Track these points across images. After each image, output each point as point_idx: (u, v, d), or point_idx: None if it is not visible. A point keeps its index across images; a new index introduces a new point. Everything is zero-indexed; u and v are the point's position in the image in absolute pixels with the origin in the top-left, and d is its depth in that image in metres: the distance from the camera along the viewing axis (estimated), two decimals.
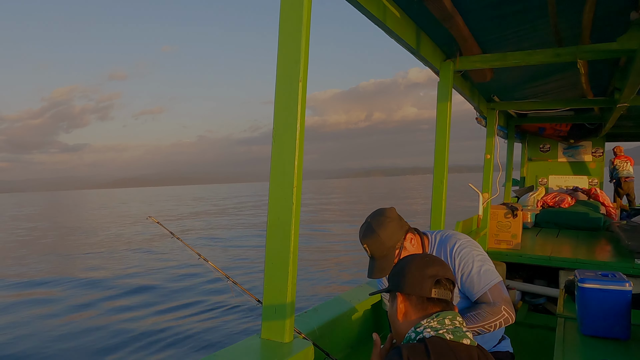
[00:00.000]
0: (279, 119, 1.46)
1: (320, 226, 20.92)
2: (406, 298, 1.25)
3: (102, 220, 30.36)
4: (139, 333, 6.86)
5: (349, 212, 29.34)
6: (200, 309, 8.07)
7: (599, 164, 7.34)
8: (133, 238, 19.06)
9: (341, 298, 2.25)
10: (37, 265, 13.44)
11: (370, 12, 1.99)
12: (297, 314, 1.73)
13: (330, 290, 9.03)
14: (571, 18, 2.56)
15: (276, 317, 1.48)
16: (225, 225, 23.69)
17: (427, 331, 1.16)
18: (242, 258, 13.28)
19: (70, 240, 19.56)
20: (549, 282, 4.30)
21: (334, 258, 12.87)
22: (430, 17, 2.41)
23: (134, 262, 13.31)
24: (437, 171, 3.10)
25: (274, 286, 1.48)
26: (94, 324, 7.40)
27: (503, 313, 1.68)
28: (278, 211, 1.47)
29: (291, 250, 1.45)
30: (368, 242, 1.79)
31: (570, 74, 3.79)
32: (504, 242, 4.30)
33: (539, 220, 5.95)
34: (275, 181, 1.47)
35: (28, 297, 9.50)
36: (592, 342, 1.91)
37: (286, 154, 1.45)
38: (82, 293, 9.64)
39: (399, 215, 1.86)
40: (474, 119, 5.02)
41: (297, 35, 1.42)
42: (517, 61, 2.93)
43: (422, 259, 1.27)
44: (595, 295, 1.96)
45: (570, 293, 2.52)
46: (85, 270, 12.32)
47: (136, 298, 9.06)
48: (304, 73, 1.43)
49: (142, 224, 24.53)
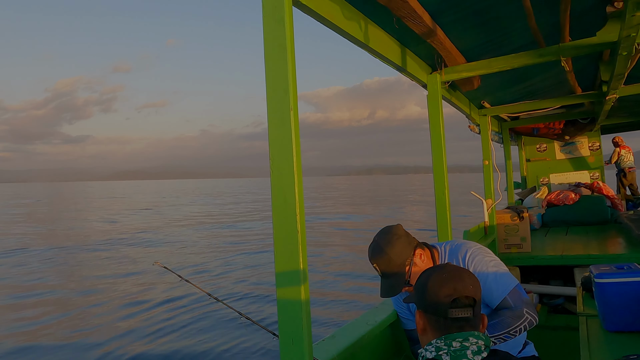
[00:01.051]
0: (274, 154, 1.46)
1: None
2: (424, 315, 1.24)
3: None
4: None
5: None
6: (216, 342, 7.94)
7: (597, 157, 7.35)
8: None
9: (358, 321, 2.22)
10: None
11: (352, 35, 2.03)
12: (315, 342, 1.71)
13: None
14: (549, 18, 2.61)
15: (294, 349, 1.45)
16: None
17: (430, 352, 1.17)
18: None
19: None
20: (565, 281, 4.24)
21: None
22: (412, 34, 2.45)
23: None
24: (437, 181, 3.10)
25: (288, 316, 1.46)
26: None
27: (526, 316, 1.66)
28: (284, 241, 1.47)
29: (301, 278, 1.44)
30: (377, 262, 1.79)
31: (556, 71, 3.83)
32: (514, 246, 4.27)
33: (545, 220, 5.92)
34: (277, 214, 1.47)
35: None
36: (618, 337, 1.87)
37: (286, 185, 1.45)
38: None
39: (406, 232, 1.85)
40: (467, 128, 5.05)
41: (283, 67, 1.44)
42: (502, 66, 2.97)
43: (439, 277, 1.24)
44: (614, 290, 1.93)
45: (588, 290, 2.49)
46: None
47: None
48: (294, 102, 1.45)
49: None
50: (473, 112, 4.77)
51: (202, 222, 24.32)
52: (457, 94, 4.09)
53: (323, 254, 13.66)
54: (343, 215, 26.34)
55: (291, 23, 1.45)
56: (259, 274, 11.36)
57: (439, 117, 3.08)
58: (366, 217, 25.33)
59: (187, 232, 20.27)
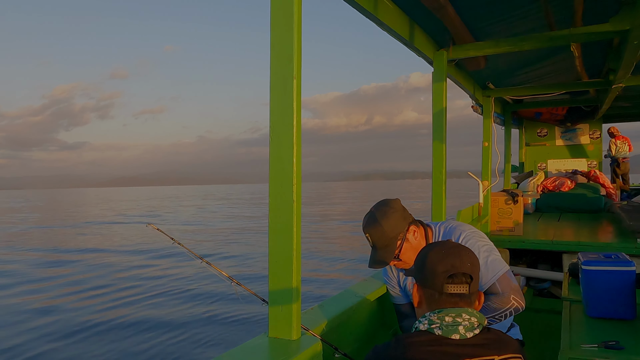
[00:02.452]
0: (275, 117, 1.45)
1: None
2: (421, 288, 1.27)
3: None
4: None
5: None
6: (207, 308, 8.08)
7: (596, 146, 7.34)
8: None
9: (347, 292, 2.26)
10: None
11: (361, 5, 1.99)
12: (303, 310, 1.74)
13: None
14: (562, 1, 2.55)
15: (283, 315, 1.48)
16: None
17: (423, 324, 1.20)
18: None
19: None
20: (553, 266, 4.31)
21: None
22: (422, 8, 2.40)
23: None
24: (435, 163, 3.10)
25: (279, 284, 1.48)
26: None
27: (512, 302, 1.69)
28: (279, 209, 1.47)
29: (294, 248, 1.46)
30: (370, 232, 1.80)
31: (564, 57, 3.78)
32: (505, 229, 4.31)
33: (539, 205, 5.95)
34: (274, 180, 1.47)
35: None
36: (599, 323, 1.91)
37: (284, 152, 1.45)
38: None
39: (403, 207, 1.86)
40: (470, 108, 5.02)
41: (289, 33, 1.41)
42: (510, 47, 2.92)
43: (438, 252, 1.26)
44: (600, 277, 1.96)
45: (575, 276, 2.53)
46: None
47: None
48: (297, 71, 1.43)
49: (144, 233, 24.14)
50: (477, 92, 4.73)
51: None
52: (462, 73, 4.04)
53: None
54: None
55: None
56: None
57: (443, 94, 3.05)
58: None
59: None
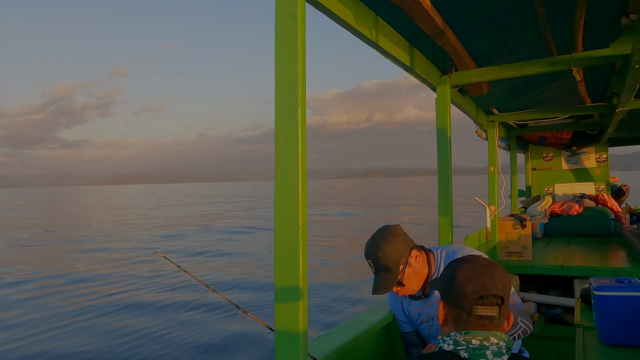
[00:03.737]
0: (279, 149, 1.46)
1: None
2: (447, 306, 1.21)
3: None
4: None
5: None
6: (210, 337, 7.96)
7: (603, 169, 7.30)
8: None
9: (354, 320, 2.23)
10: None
11: (363, 34, 2.03)
12: (310, 339, 1.71)
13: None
14: (562, 27, 2.59)
15: (289, 344, 1.46)
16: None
17: (448, 344, 1.14)
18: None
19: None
20: (564, 292, 4.23)
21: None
22: (422, 35, 2.44)
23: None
24: (441, 187, 3.09)
25: (285, 312, 1.46)
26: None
27: (520, 325, 1.65)
28: (284, 236, 1.47)
29: (300, 275, 1.44)
30: (372, 258, 1.80)
31: (567, 81, 3.80)
32: (514, 254, 4.25)
33: (548, 229, 5.89)
34: (280, 208, 1.47)
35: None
36: (613, 351, 1.86)
37: (290, 177, 1.45)
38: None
39: (404, 232, 1.85)
40: (469, 125, 5.03)
41: (293, 63, 1.44)
42: (512, 73, 2.95)
43: (468, 270, 1.18)
44: (613, 303, 1.92)
45: (587, 302, 2.48)
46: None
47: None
48: (302, 98, 1.45)
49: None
50: (481, 117, 4.75)
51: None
52: (465, 98, 4.07)
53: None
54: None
55: (303, 19, 1.45)
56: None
57: (447, 120, 3.07)
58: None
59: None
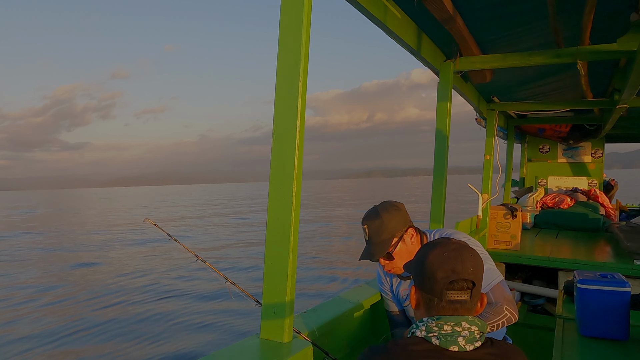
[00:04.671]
0: (279, 119, 1.46)
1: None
2: (419, 291, 1.21)
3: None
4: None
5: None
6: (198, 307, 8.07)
7: (598, 165, 7.34)
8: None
9: (341, 298, 2.25)
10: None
11: (371, 12, 2.00)
12: (296, 314, 1.73)
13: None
14: (571, 19, 2.56)
15: (275, 317, 1.48)
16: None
17: (420, 330, 1.15)
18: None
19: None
20: (548, 283, 4.30)
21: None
22: (430, 18, 2.41)
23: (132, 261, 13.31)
24: (436, 171, 3.10)
25: (274, 286, 1.48)
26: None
27: (505, 313, 1.68)
28: (277, 211, 1.47)
29: (290, 250, 1.45)
30: (369, 224, 1.78)
31: (570, 74, 3.79)
32: (503, 243, 4.30)
33: (538, 221, 5.95)
34: (274, 181, 1.47)
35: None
36: (591, 343, 1.91)
37: (286, 154, 1.45)
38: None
39: (406, 211, 1.85)
40: (474, 120, 5.02)
41: (297, 36, 1.42)
42: (517, 62, 2.93)
43: (439, 254, 1.17)
44: (595, 297, 1.96)
45: (570, 294, 2.53)
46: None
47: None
48: (304, 73, 1.43)
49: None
50: (481, 105, 4.73)
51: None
52: (468, 85, 4.04)
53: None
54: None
55: None
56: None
57: (447, 105, 3.06)
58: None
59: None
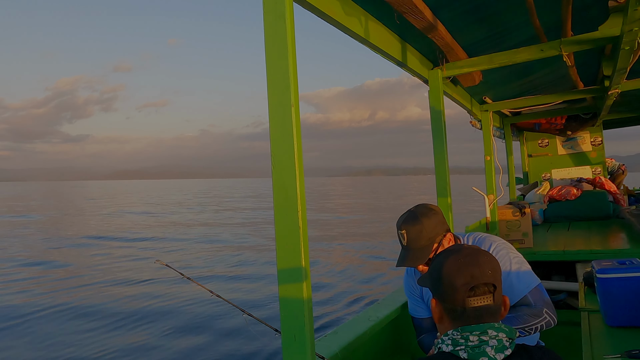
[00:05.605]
0: (276, 149, 1.46)
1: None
2: (440, 303, 1.17)
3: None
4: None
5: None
6: None
7: (599, 152, 7.33)
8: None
9: (360, 317, 2.23)
10: None
11: (353, 31, 2.03)
12: (317, 338, 1.71)
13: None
14: (551, 12, 2.59)
15: (296, 345, 1.46)
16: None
17: (447, 345, 1.10)
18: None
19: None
20: (567, 277, 4.24)
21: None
22: (413, 29, 2.44)
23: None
24: (439, 178, 3.09)
25: (290, 313, 1.46)
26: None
27: (545, 316, 1.63)
28: (286, 239, 1.47)
29: (303, 274, 1.44)
30: (407, 229, 1.67)
31: (558, 66, 3.81)
32: (515, 242, 4.26)
33: (547, 215, 5.91)
34: (279, 208, 1.47)
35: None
36: (619, 332, 1.87)
37: (288, 182, 1.45)
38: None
39: (443, 214, 1.81)
40: (468, 123, 5.04)
41: (284, 66, 1.44)
42: (503, 61, 2.95)
43: (454, 262, 1.14)
44: (615, 285, 1.93)
45: (590, 285, 2.49)
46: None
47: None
48: (295, 98, 1.44)
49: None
50: (474, 107, 4.76)
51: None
52: (458, 89, 4.07)
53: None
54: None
55: (292, 19, 1.45)
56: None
57: (441, 112, 3.07)
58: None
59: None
